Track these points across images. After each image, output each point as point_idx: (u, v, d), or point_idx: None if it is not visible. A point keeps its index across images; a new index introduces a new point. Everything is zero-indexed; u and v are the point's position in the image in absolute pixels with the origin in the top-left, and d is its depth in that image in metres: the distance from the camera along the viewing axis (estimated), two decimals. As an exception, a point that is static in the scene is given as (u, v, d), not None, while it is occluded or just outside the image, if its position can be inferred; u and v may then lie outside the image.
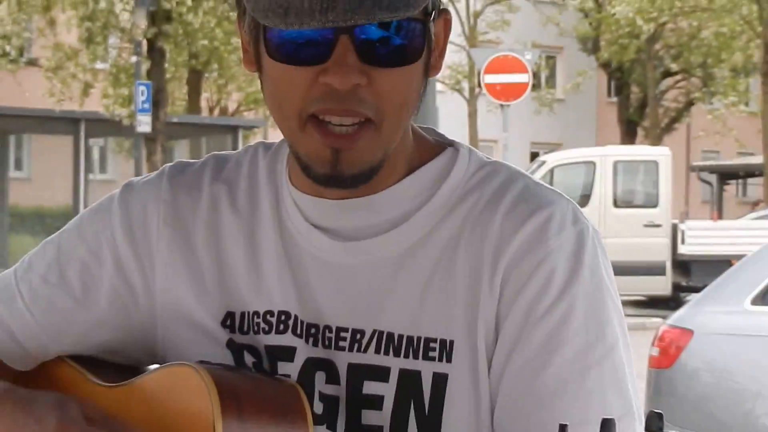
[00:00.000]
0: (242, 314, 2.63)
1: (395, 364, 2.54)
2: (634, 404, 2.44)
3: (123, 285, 2.66)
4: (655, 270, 34.17)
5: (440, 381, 2.52)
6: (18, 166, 43.53)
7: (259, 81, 2.64)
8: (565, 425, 1.86)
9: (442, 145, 2.67)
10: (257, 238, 2.64)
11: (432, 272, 2.54)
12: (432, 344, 2.52)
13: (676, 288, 35.35)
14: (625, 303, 2.77)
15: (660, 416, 1.87)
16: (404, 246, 2.57)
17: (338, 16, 2.31)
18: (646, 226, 35.35)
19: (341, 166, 2.46)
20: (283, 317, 2.59)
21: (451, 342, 2.52)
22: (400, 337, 2.54)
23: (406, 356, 2.54)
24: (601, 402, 2.40)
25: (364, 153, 2.46)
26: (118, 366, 2.66)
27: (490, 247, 2.52)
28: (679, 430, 10.72)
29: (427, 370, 2.53)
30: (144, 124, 38.43)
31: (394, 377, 2.54)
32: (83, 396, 2.68)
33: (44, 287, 2.70)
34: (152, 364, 2.63)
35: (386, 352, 2.55)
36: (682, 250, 36.73)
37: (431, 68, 2.54)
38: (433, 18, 2.48)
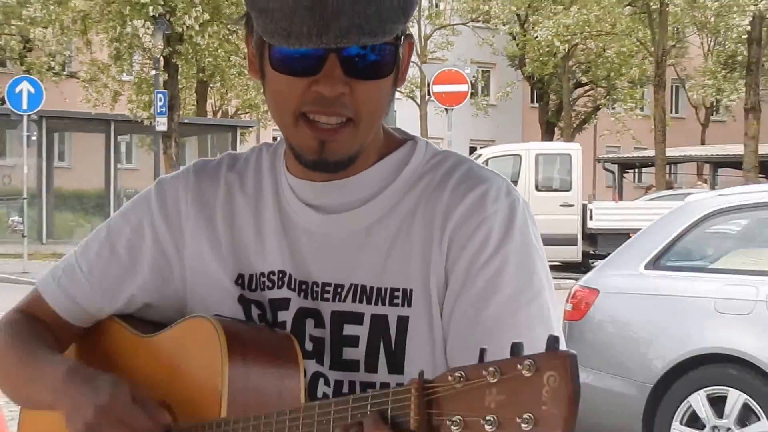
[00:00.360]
0: (250, 275, 2.65)
1: (368, 310, 2.57)
2: (559, 331, 2.45)
3: (160, 255, 2.70)
4: (569, 241, 33.97)
5: (403, 322, 2.55)
6: (61, 157, 43.15)
7: (252, 90, 2.69)
8: (484, 348, 2.01)
9: (405, 138, 2.70)
10: (261, 215, 2.67)
11: (395, 237, 2.57)
12: (396, 293, 2.56)
13: (585, 255, 35.17)
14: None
15: (556, 339, 1.96)
16: (373, 218, 2.60)
17: (330, 40, 2.36)
18: (561, 205, 35.17)
19: (326, 154, 2.49)
20: (280, 275, 2.62)
21: (411, 290, 2.55)
22: (371, 288, 2.57)
23: (376, 303, 2.57)
24: (531, 334, 2.36)
25: (345, 145, 2.49)
26: (154, 322, 2.70)
27: (439, 216, 2.55)
28: (588, 371, 10.74)
29: (392, 314, 2.56)
30: (161, 124, 38.19)
31: (367, 321, 2.57)
32: (122, 343, 2.74)
33: (98, 260, 2.73)
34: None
35: (360, 301, 2.57)
36: (590, 225, 36.55)
37: (399, 80, 2.57)
38: (402, 42, 2.52)
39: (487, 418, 1.93)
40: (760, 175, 44.04)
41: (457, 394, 2.00)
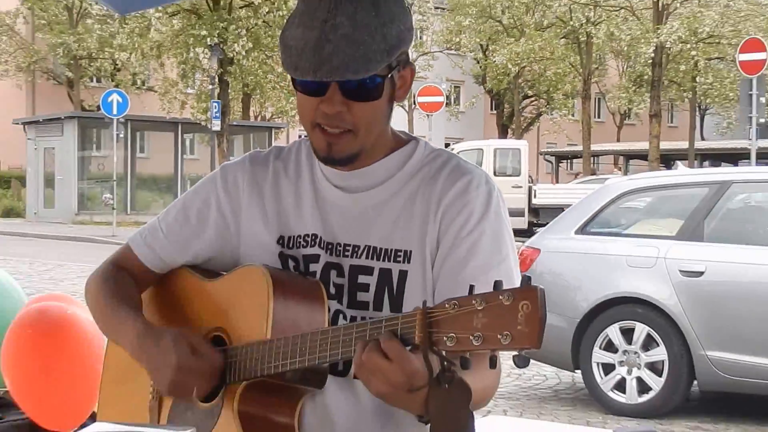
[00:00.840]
0: (289, 237, 2.66)
1: (377, 265, 2.59)
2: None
3: (222, 221, 2.71)
4: (518, 213, 33.81)
5: (403, 275, 2.57)
6: (141, 150, 42.97)
7: (283, 100, 2.73)
8: (473, 285, 2.14)
9: (410, 138, 2.69)
10: (299, 192, 2.67)
11: (400, 212, 2.59)
12: (399, 253, 2.58)
13: (531, 224, 35.05)
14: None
15: (529, 278, 2.13)
16: (383, 197, 2.62)
17: (323, 75, 2.41)
18: (513, 187, 35.00)
19: (332, 153, 2.53)
20: (313, 237, 2.63)
21: (410, 252, 2.57)
22: (381, 249, 2.59)
23: (384, 260, 2.59)
24: (510, 279, 2.45)
25: (346, 147, 2.51)
26: (214, 271, 2.74)
27: (434, 198, 2.57)
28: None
29: (395, 268, 2.58)
30: (216, 125, 38.17)
31: (376, 273, 2.59)
32: (191, 286, 2.76)
33: (175, 224, 2.75)
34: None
35: (372, 258, 2.59)
36: (534, 201, 36.44)
37: (396, 98, 2.57)
38: (399, 70, 2.52)
39: (475, 335, 2.07)
40: (661, 165, 43.99)
41: (451, 317, 2.11)
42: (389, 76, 2.51)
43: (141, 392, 2.73)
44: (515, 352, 2.10)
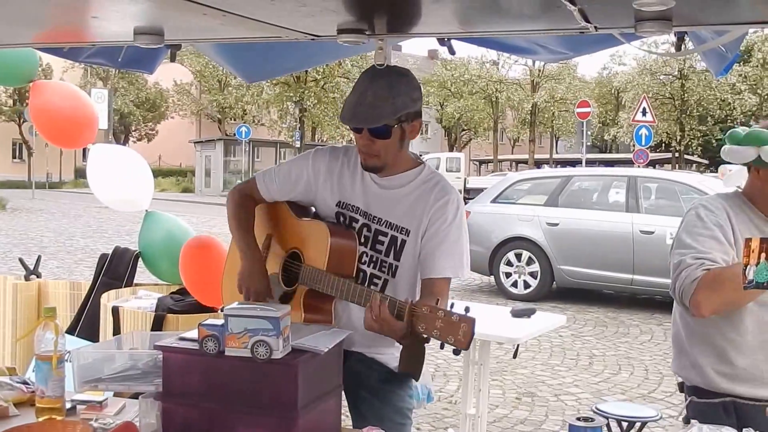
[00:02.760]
0: (345, 203, 2.52)
1: (389, 232, 2.48)
2: (466, 266, 2.46)
3: (307, 184, 2.57)
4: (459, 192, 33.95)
5: (403, 242, 2.46)
6: (257, 157, 42.80)
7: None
8: (438, 299, 2.16)
9: (420, 161, 2.55)
10: (354, 179, 2.53)
11: (408, 206, 2.47)
12: (403, 229, 2.46)
13: (465, 199, 35.29)
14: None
15: (468, 308, 2.08)
16: (400, 195, 2.49)
17: (355, 123, 2.38)
18: (456, 177, 34.92)
19: (365, 164, 2.47)
20: (357, 207, 2.51)
21: (409, 230, 2.46)
22: (393, 223, 2.47)
23: (394, 231, 2.47)
24: (455, 262, 2.41)
25: (372, 162, 2.43)
26: (303, 207, 2.68)
27: (428, 204, 2.46)
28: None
29: (401, 237, 2.47)
30: (297, 144, 38.29)
31: (388, 236, 2.47)
32: (286, 218, 2.65)
33: (281, 176, 2.61)
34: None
35: (388, 228, 2.48)
36: (468, 186, 36.23)
37: (408, 137, 2.47)
38: (408, 122, 2.43)
39: (434, 332, 2.05)
40: (535, 167, 43.68)
41: (425, 317, 2.08)
42: (396, 126, 2.41)
43: None
44: (455, 348, 2.06)
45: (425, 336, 2.11)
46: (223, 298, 2.80)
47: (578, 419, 1.89)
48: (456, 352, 2.12)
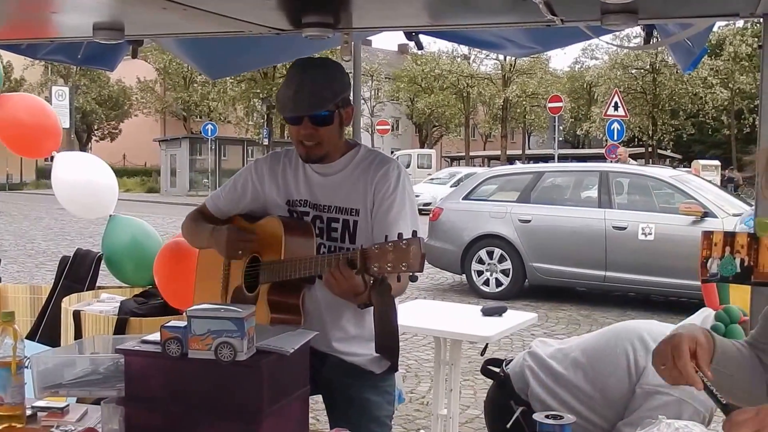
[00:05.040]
0: (292, 200, 2.56)
1: (340, 217, 2.50)
2: (419, 228, 2.45)
3: (254, 190, 2.61)
4: (430, 189, 33.95)
5: (355, 222, 2.49)
6: (224, 155, 42.45)
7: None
8: (387, 236, 2.17)
9: (355, 144, 2.59)
10: (297, 175, 2.56)
11: (351, 186, 2.50)
12: (352, 210, 2.49)
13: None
14: (419, 201, 2.81)
15: (415, 232, 2.15)
16: (342, 178, 2.53)
17: (293, 111, 2.44)
18: (427, 174, 35.08)
19: (308, 156, 2.51)
20: (305, 201, 2.54)
21: (358, 209, 2.49)
22: (342, 207, 2.50)
23: (344, 214, 2.50)
24: (408, 227, 2.34)
25: (315, 152, 2.49)
26: (254, 216, 2.68)
27: (370, 178, 2.49)
28: (439, 240, 10.73)
29: (351, 219, 2.49)
30: (265, 141, 38.19)
31: (340, 221, 2.50)
32: (241, 225, 2.65)
33: (229, 192, 2.68)
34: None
35: (338, 213, 2.50)
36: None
37: (344, 122, 2.53)
38: (343, 108, 2.49)
39: (388, 265, 2.09)
40: (507, 163, 43.91)
41: (376, 255, 2.11)
42: (336, 111, 2.47)
43: (215, 286, 2.68)
44: (411, 274, 2.12)
45: (380, 276, 2.15)
46: (195, 302, 2.82)
47: (547, 416, 1.90)
48: (413, 278, 2.19)
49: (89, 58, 3.75)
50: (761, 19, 2.16)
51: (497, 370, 2.90)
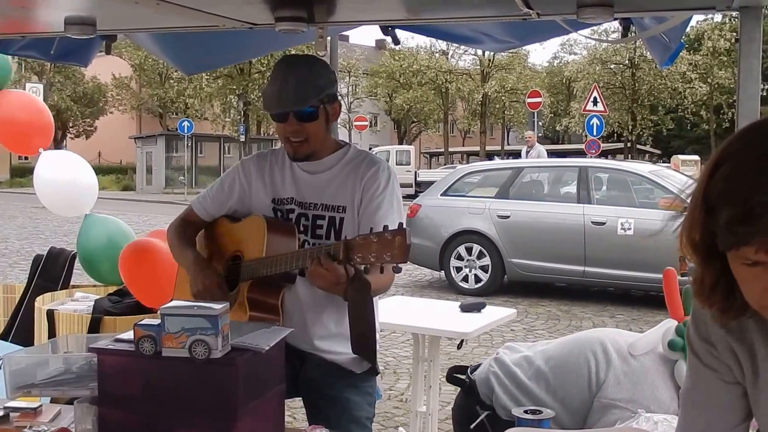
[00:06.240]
0: (278, 199, 2.56)
1: (327, 214, 2.51)
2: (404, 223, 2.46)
3: (241, 190, 2.62)
4: (409, 185, 33.43)
5: (341, 220, 2.49)
6: (201, 152, 42.24)
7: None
8: (372, 227, 2.17)
9: (345, 144, 2.61)
10: (284, 173, 2.56)
11: (339, 184, 2.51)
12: (339, 207, 2.50)
13: (416, 192, 35.35)
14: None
15: (401, 224, 2.14)
16: (330, 176, 2.53)
17: (278, 108, 2.45)
18: (406, 171, 34.72)
19: (295, 154, 2.52)
20: (291, 199, 2.54)
21: (345, 206, 2.49)
22: (329, 205, 2.51)
23: (331, 211, 2.50)
24: (395, 223, 2.36)
25: (303, 150, 2.50)
26: (237, 217, 2.68)
27: (359, 176, 2.49)
28: (417, 237, 10.75)
29: (337, 216, 2.50)
30: (242, 138, 38.10)
31: (326, 219, 2.51)
32: (224, 226, 2.68)
33: (216, 192, 2.68)
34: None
35: (324, 210, 2.50)
36: (418, 179, 36.21)
37: (331, 119, 2.54)
38: (329, 104, 2.50)
39: (372, 255, 2.09)
40: (486, 158, 44.01)
41: (359, 245, 2.12)
42: (321, 107, 2.48)
43: None
44: (395, 265, 2.12)
45: (363, 265, 2.15)
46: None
47: (525, 411, 1.92)
48: (396, 269, 2.20)
49: (62, 54, 3.72)
50: (738, 13, 2.18)
51: (463, 377, 2.92)
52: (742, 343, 1.26)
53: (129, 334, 1.95)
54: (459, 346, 4.55)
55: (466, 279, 10.57)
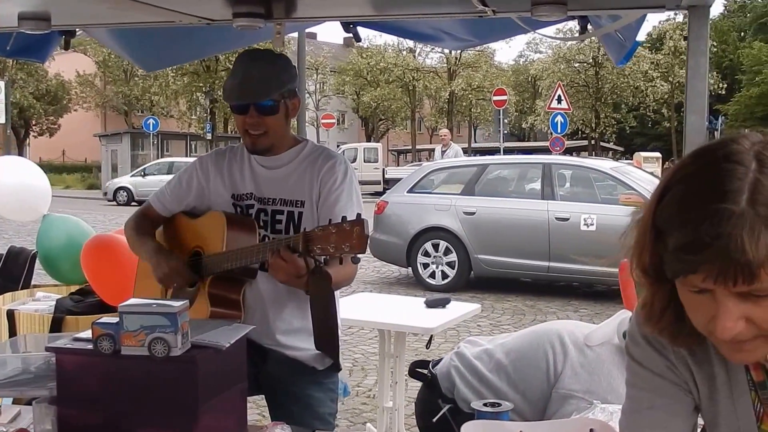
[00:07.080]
0: (239, 195, 2.56)
1: (285, 209, 2.51)
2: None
3: (199, 186, 2.61)
4: (376, 182, 33.57)
5: (300, 214, 2.49)
6: (167, 150, 41.88)
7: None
8: (330, 219, 2.17)
9: (303, 139, 2.60)
10: (243, 169, 2.56)
11: (297, 179, 2.51)
12: (297, 202, 2.50)
13: (384, 189, 35.31)
14: (365, 193, 2.75)
15: (359, 214, 2.16)
16: (288, 171, 2.53)
17: (239, 99, 2.46)
18: (374, 168, 34.94)
19: (254, 146, 2.52)
20: (250, 194, 2.54)
21: (304, 201, 2.49)
22: (287, 199, 2.51)
23: (289, 206, 2.50)
24: (354, 214, 2.36)
25: (262, 142, 2.50)
26: (196, 213, 2.67)
27: (316, 171, 2.49)
28: (384, 234, 10.75)
29: (296, 211, 2.50)
30: (208, 136, 37.78)
31: (285, 213, 2.50)
32: (183, 223, 2.68)
33: (174, 188, 2.67)
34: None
35: (283, 205, 2.50)
36: (386, 176, 36.11)
37: (290, 114, 2.53)
38: (289, 99, 2.50)
39: (331, 246, 2.09)
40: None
41: (318, 236, 2.12)
42: (282, 101, 2.48)
43: (155, 283, 2.63)
44: (354, 255, 2.12)
45: (323, 256, 2.16)
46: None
47: (485, 404, 1.93)
48: (355, 260, 2.22)
49: (19, 50, 3.66)
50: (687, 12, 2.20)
51: (425, 371, 2.93)
52: (701, 366, 1.22)
53: (87, 333, 1.93)
54: (428, 345, 4.56)
55: (433, 275, 10.60)
